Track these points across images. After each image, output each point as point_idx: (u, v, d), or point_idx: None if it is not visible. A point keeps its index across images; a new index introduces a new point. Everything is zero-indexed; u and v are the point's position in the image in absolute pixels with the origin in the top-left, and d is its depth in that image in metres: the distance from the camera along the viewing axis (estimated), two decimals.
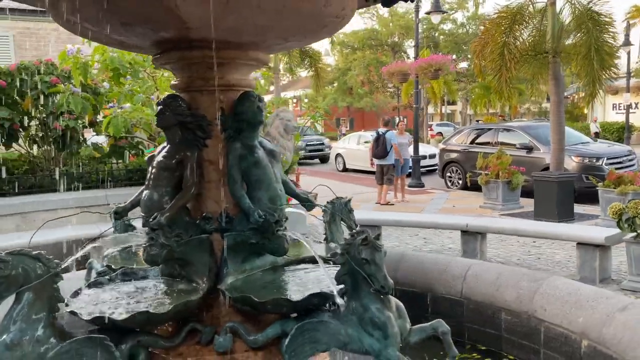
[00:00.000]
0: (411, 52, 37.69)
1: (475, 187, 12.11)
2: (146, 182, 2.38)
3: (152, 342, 2.21)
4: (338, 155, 20.66)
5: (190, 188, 2.32)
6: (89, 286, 2.45)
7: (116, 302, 2.21)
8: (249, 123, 2.38)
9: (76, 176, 6.55)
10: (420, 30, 37.34)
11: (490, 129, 14.75)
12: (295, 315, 2.26)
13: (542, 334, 3.72)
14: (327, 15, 2.24)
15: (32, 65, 6.53)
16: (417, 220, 6.61)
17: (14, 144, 6.61)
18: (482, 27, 11.20)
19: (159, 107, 2.36)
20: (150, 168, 2.39)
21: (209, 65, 2.36)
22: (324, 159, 23.80)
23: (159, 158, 2.36)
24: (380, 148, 11.98)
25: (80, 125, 6.56)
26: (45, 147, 6.56)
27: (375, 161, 12.02)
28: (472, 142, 14.62)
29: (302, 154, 22.75)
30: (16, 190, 6.16)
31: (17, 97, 6.52)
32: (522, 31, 9.07)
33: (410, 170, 15.13)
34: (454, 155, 14.81)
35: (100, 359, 1.92)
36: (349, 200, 3.34)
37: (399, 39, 38.17)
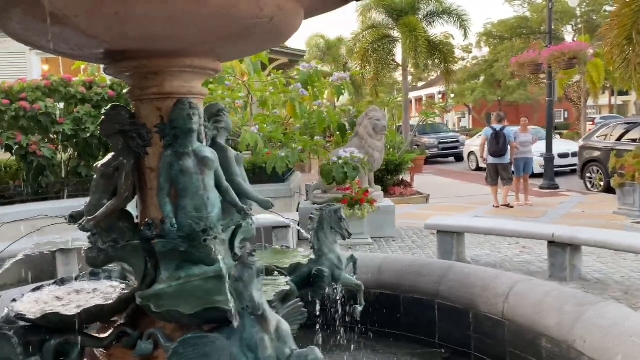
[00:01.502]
0: (568, 38, 34.30)
1: None
2: (90, 189, 2.51)
3: (82, 342, 2.33)
4: (471, 153, 19.59)
5: (123, 195, 2.39)
6: (56, 283, 2.65)
7: (48, 301, 2.37)
8: (181, 130, 2.37)
9: None
10: (578, 14, 33.79)
11: None
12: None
13: None
14: (242, 17, 2.14)
15: None
16: (497, 227, 6.00)
17: None
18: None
19: (102, 116, 2.47)
20: (94, 175, 2.51)
21: (143, 75, 2.41)
22: (460, 158, 22.68)
23: (99, 165, 2.46)
24: (501, 145, 11.04)
25: None
26: None
27: (491, 159, 11.15)
28: (620, 138, 12.85)
29: (429, 153, 22.03)
30: None
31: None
32: None
33: (542, 170, 13.86)
34: (595, 154, 13.15)
35: (6, 352, 2.08)
36: (339, 209, 3.16)
37: (554, 25, 34.88)
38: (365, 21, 19.34)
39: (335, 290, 3.31)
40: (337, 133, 8.28)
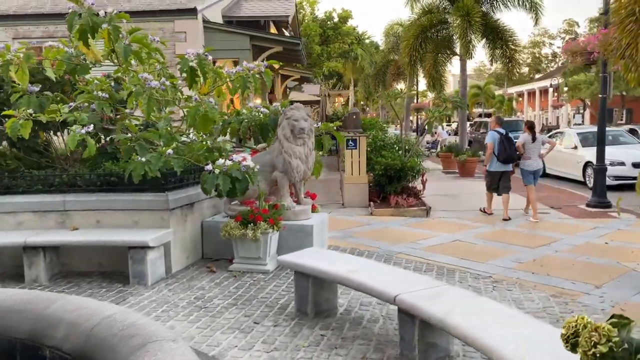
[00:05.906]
0: None
1: None
2: None
3: None
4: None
5: None
6: None
7: None
8: None
9: (40, 178, 6.32)
10: None
11: None
12: None
13: None
14: None
15: None
16: (344, 276, 4.25)
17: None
18: None
19: None
20: None
21: None
22: None
23: None
24: (512, 149, 9.79)
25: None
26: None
27: (501, 167, 9.89)
28: None
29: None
30: None
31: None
32: None
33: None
34: None
35: None
36: None
37: None
38: (415, 5, 17.28)
39: None
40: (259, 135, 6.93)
